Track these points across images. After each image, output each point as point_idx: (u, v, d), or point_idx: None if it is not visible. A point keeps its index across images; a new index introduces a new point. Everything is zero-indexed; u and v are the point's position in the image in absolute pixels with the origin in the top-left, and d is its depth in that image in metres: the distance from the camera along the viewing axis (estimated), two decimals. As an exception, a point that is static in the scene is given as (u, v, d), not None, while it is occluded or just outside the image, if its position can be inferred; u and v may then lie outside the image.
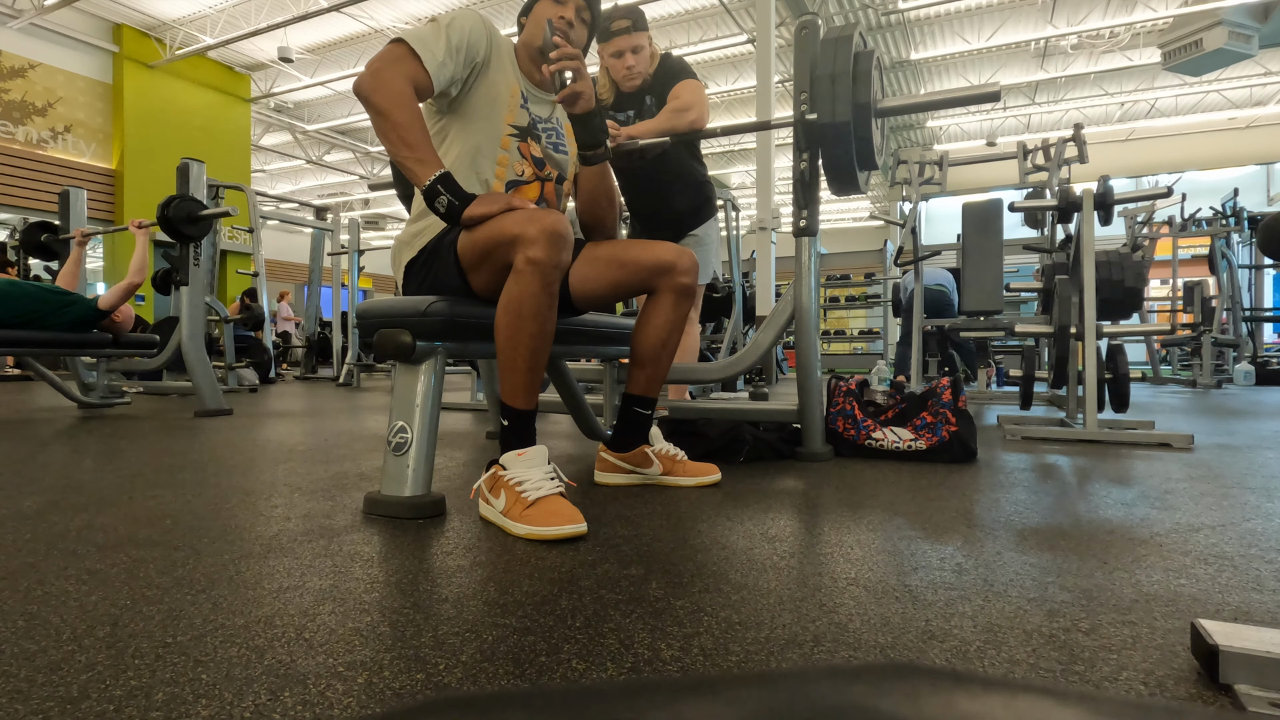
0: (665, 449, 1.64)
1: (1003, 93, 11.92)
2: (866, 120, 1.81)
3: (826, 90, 1.78)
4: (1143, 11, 9.11)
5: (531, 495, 1.20)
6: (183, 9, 9.48)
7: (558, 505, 1.19)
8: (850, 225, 18.71)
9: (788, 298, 2.08)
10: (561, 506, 1.18)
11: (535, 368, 1.30)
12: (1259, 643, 0.63)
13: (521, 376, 1.29)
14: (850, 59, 1.78)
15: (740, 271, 6.29)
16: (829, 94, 1.78)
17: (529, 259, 1.23)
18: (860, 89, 1.78)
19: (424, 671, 0.68)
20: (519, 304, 1.25)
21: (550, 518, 1.16)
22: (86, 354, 3.39)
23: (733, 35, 9.37)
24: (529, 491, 1.21)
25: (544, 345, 1.29)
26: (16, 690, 0.64)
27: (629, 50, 2.26)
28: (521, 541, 1.14)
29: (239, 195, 5.92)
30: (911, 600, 0.87)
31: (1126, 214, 7.19)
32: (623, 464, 1.62)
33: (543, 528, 1.15)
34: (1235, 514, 1.34)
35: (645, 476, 1.62)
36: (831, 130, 1.81)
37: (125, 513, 1.32)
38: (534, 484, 1.22)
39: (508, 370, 1.30)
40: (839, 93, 1.77)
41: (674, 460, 1.63)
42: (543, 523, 1.15)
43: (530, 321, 1.26)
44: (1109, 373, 2.58)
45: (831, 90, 1.77)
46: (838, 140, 1.82)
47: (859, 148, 1.85)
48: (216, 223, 5.30)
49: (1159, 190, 2.95)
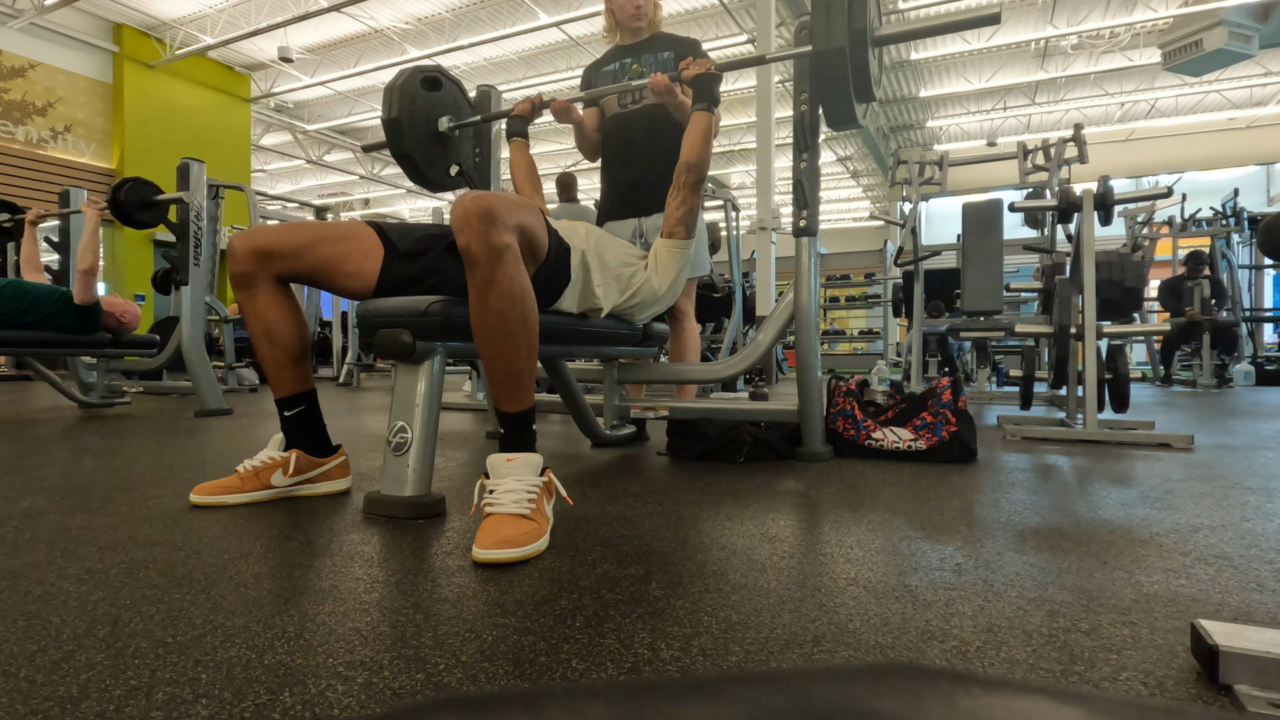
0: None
1: (1003, 93, 11.97)
2: (863, 48, 1.78)
3: (822, 19, 1.73)
4: (1143, 12, 9.11)
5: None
6: (183, 9, 9.48)
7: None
8: (850, 225, 18.71)
9: (788, 298, 2.08)
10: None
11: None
12: (1259, 643, 0.63)
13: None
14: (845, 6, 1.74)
15: (740, 271, 6.30)
16: (825, 23, 1.73)
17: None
18: (856, 16, 1.75)
19: (424, 671, 0.68)
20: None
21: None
22: (86, 354, 3.39)
23: (733, 35, 9.37)
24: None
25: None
26: (16, 690, 0.64)
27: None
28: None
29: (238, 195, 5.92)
30: (911, 600, 0.87)
31: (1126, 214, 7.19)
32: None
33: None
34: (1235, 514, 1.34)
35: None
36: (830, 57, 1.75)
37: (125, 513, 1.32)
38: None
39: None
40: (834, 18, 1.73)
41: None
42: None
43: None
44: (1109, 373, 2.58)
45: (827, 17, 1.73)
46: (837, 69, 1.76)
47: (856, 80, 1.80)
48: (217, 222, 5.30)
49: (1159, 190, 2.95)
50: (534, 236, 1.35)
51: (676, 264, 1.82)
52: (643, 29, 2.43)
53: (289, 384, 1.48)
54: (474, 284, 1.20)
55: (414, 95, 1.99)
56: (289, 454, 1.46)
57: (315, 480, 1.50)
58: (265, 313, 1.43)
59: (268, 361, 1.46)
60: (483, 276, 1.19)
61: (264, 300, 1.42)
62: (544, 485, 1.20)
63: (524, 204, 1.31)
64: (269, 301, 1.42)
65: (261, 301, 1.42)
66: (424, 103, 2.02)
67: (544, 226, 1.43)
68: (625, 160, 2.46)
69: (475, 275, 1.19)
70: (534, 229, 1.34)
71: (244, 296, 1.42)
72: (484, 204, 1.17)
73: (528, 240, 1.32)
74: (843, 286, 10.01)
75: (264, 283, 1.41)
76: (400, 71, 1.99)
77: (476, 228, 1.16)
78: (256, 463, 1.45)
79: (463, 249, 1.18)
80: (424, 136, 2.04)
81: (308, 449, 1.49)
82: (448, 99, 2.09)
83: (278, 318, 1.44)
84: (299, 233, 1.41)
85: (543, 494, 1.19)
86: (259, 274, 1.40)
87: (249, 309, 1.43)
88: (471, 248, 1.17)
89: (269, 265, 1.40)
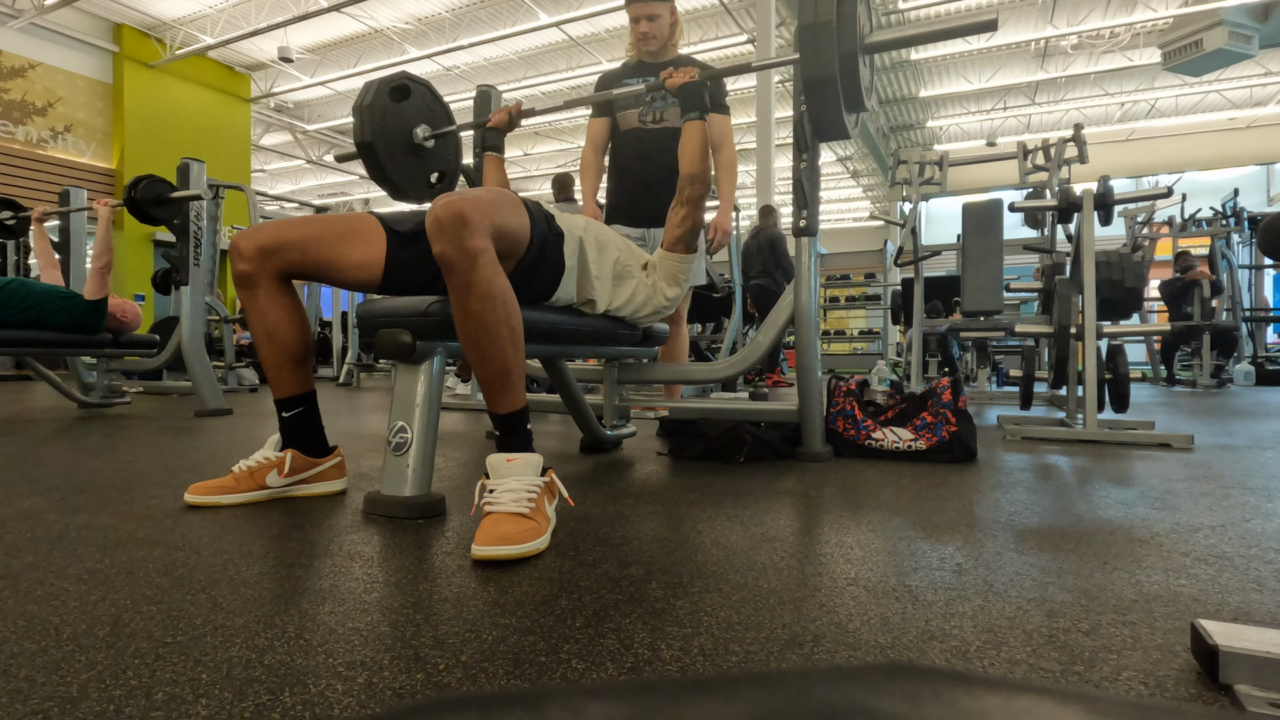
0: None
1: (1003, 93, 11.98)
2: (853, 64, 1.74)
3: (810, 41, 1.69)
4: (1143, 11, 9.12)
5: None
6: (183, 9, 9.48)
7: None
8: (850, 225, 18.72)
9: (788, 298, 2.08)
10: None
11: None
12: (1259, 643, 0.63)
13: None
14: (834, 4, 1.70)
15: (740, 271, 6.30)
16: (812, 46, 1.69)
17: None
18: (845, 36, 1.71)
19: (424, 671, 0.68)
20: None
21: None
22: (86, 354, 3.39)
23: (733, 35, 9.37)
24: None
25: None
26: (16, 690, 0.64)
27: (644, 18, 2.44)
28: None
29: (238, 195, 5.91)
30: (911, 600, 0.87)
31: (1126, 214, 7.20)
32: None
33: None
34: (1235, 514, 1.34)
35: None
36: (819, 81, 1.72)
37: (125, 513, 1.32)
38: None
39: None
40: (822, 41, 1.69)
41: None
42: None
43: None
44: (1109, 373, 2.58)
45: (814, 39, 1.69)
46: (828, 91, 1.73)
47: (846, 95, 1.76)
48: (217, 222, 5.30)
49: (1159, 190, 2.96)
50: (511, 233, 1.33)
51: (675, 275, 1.82)
52: (656, 51, 2.49)
53: (289, 385, 1.48)
54: (452, 288, 1.21)
55: (384, 112, 1.87)
56: (284, 454, 1.46)
57: (310, 481, 1.50)
58: (267, 312, 1.43)
59: (269, 362, 1.46)
60: (459, 281, 1.19)
61: (266, 300, 1.42)
62: (545, 485, 1.20)
63: (497, 200, 1.30)
64: (271, 301, 1.43)
65: (264, 301, 1.42)
66: (395, 118, 1.91)
67: (523, 219, 1.40)
68: (640, 174, 2.54)
69: (452, 280, 1.20)
70: (511, 227, 1.33)
71: (246, 296, 1.42)
72: (455, 209, 1.17)
73: (505, 238, 1.30)
74: (843, 286, 10.00)
75: (267, 281, 1.41)
76: (366, 87, 1.85)
77: (449, 234, 1.17)
78: (252, 463, 1.45)
79: (438, 255, 1.19)
80: (400, 153, 1.94)
81: (304, 449, 1.49)
82: (419, 104, 1.98)
83: (280, 317, 1.44)
84: (305, 226, 1.42)
85: (544, 494, 1.19)
86: (261, 272, 1.40)
87: (251, 308, 1.43)
88: (446, 254, 1.18)
89: (273, 261, 1.39)
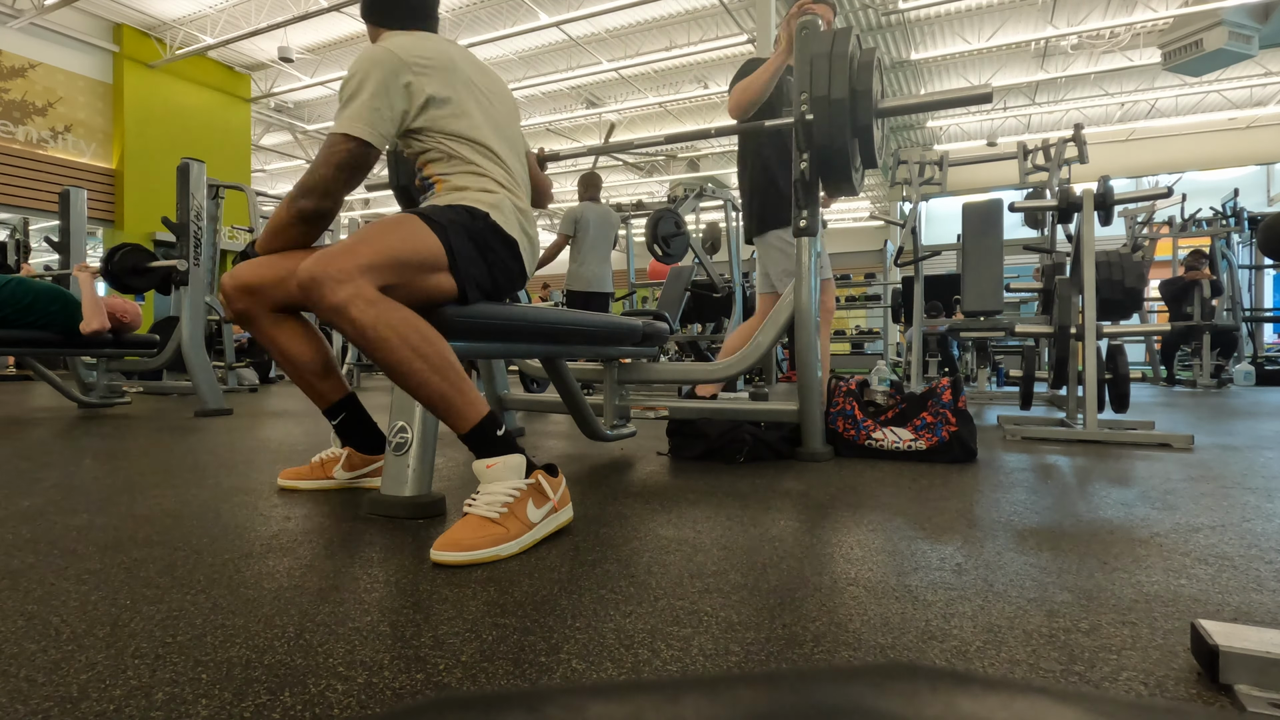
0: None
1: (1003, 93, 11.97)
2: (868, 136, 1.85)
3: (824, 127, 1.84)
4: (1143, 12, 9.11)
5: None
6: (183, 9, 9.47)
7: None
8: (850, 225, 18.71)
9: (787, 298, 2.08)
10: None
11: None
12: (1259, 643, 0.63)
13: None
14: (847, 75, 1.82)
15: (740, 271, 6.30)
16: (826, 128, 1.84)
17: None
18: (862, 109, 1.82)
19: (424, 671, 0.68)
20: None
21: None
22: (86, 354, 3.39)
23: (733, 35, 9.37)
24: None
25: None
26: (16, 690, 0.64)
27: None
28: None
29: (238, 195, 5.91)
30: (911, 600, 0.87)
31: (1126, 214, 7.20)
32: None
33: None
34: (1235, 514, 1.34)
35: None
36: (829, 145, 1.85)
37: (125, 513, 1.32)
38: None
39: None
40: (836, 113, 1.83)
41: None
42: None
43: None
44: (1109, 373, 2.58)
45: (829, 111, 1.83)
46: (837, 153, 1.87)
47: (862, 149, 1.88)
48: (217, 222, 5.30)
49: (1159, 190, 2.95)
50: (408, 257, 1.20)
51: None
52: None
53: (323, 396, 1.54)
54: (348, 339, 1.18)
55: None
56: (344, 451, 1.59)
57: (371, 475, 1.59)
58: (275, 340, 1.46)
59: (296, 381, 1.52)
60: (347, 334, 1.16)
61: (271, 329, 1.45)
62: (529, 487, 1.15)
63: (370, 235, 1.19)
64: (275, 330, 1.46)
65: (269, 331, 1.45)
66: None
67: (419, 233, 1.23)
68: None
69: (342, 333, 1.17)
70: (399, 251, 1.19)
71: (252, 330, 1.46)
72: (303, 274, 1.13)
73: (400, 264, 1.19)
74: (843, 286, 10.00)
75: (262, 313, 1.44)
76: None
77: (312, 299, 1.13)
78: (325, 455, 1.60)
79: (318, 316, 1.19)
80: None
81: (359, 447, 1.58)
82: None
83: (289, 342, 1.47)
84: (276, 265, 1.40)
85: (527, 496, 1.14)
86: (253, 308, 1.43)
87: (259, 339, 1.47)
88: (319, 315, 1.17)
89: (258, 298, 1.42)
